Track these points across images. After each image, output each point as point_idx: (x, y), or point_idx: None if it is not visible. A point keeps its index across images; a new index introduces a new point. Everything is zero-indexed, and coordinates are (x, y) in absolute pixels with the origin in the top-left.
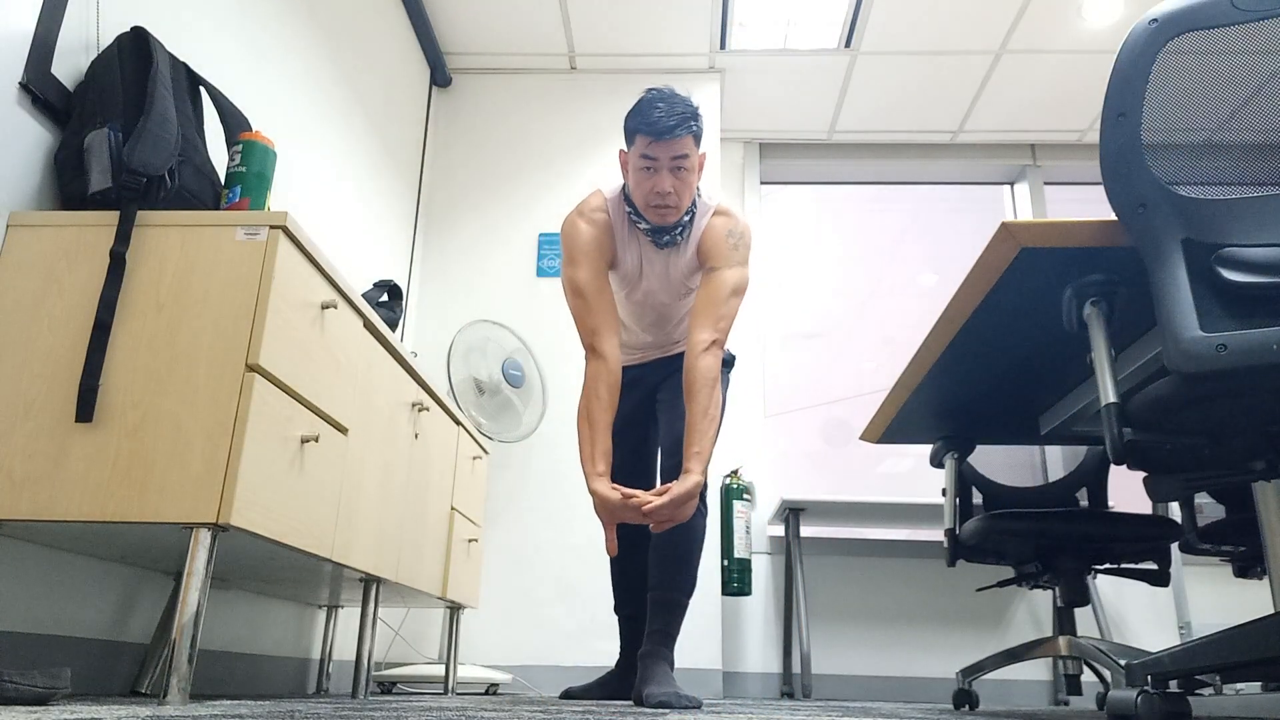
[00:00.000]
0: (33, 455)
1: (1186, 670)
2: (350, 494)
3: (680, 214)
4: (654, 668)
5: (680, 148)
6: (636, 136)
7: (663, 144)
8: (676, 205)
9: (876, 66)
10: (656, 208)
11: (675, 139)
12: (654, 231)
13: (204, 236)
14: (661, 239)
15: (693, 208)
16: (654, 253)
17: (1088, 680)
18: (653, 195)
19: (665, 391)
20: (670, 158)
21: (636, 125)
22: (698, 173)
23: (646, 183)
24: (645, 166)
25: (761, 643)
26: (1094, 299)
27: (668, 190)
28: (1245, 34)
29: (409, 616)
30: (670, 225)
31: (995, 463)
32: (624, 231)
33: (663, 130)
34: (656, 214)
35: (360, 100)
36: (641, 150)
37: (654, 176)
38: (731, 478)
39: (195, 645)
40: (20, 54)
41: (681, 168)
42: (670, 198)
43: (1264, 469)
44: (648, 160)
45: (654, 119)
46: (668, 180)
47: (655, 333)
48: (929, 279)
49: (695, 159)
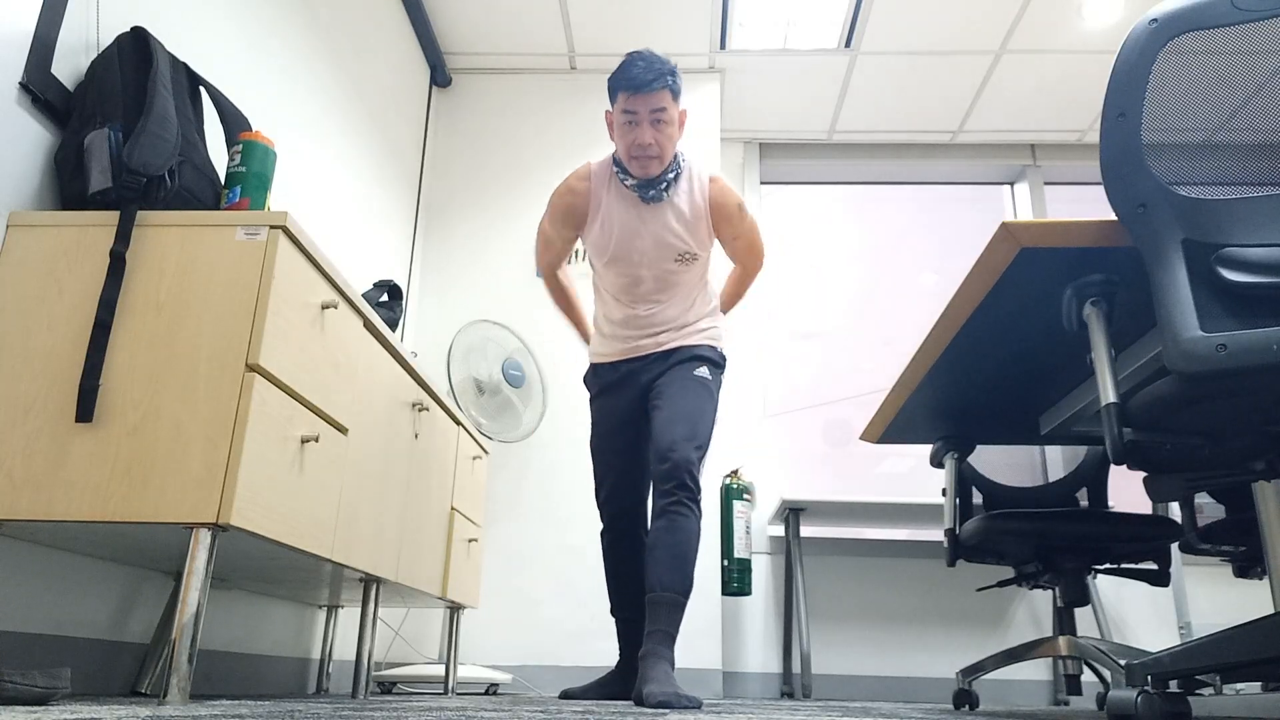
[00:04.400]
0: (33, 455)
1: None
2: (350, 494)
3: (663, 165)
4: (654, 668)
5: (658, 100)
6: (618, 93)
7: (641, 97)
8: (658, 155)
9: (876, 66)
10: (639, 159)
11: (653, 92)
12: (640, 186)
13: (204, 236)
14: (648, 193)
15: (677, 166)
16: (643, 209)
17: (1088, 680)
18: (634, 147)
19: (658, 394)
20: (649, 110)
21: (617, 82)
22: (678, 128)
23: (629, 135)
24: (627, 121)
25: (761, 643)
26: (1094, 299)
27: (648, 142)
28: (1245, 34)
29: (409, 616)
30: (654, 179)
31: (995, 463)
32: (609, 193)
33: (641, 84)
34: (639, 165)
35: (360, 100)
36: (623, 106)
37: (635, 129)
38: (731, 478)
39: (195, 645)
40: (20, 54)
41: (661, 120)
42: (651, 149)
43: (1264, 469)
44: (629, 115)
45: (633, 75)
46: (648, 132)
47: (653, 306)
48: (929, 279)
49: (674, 113)
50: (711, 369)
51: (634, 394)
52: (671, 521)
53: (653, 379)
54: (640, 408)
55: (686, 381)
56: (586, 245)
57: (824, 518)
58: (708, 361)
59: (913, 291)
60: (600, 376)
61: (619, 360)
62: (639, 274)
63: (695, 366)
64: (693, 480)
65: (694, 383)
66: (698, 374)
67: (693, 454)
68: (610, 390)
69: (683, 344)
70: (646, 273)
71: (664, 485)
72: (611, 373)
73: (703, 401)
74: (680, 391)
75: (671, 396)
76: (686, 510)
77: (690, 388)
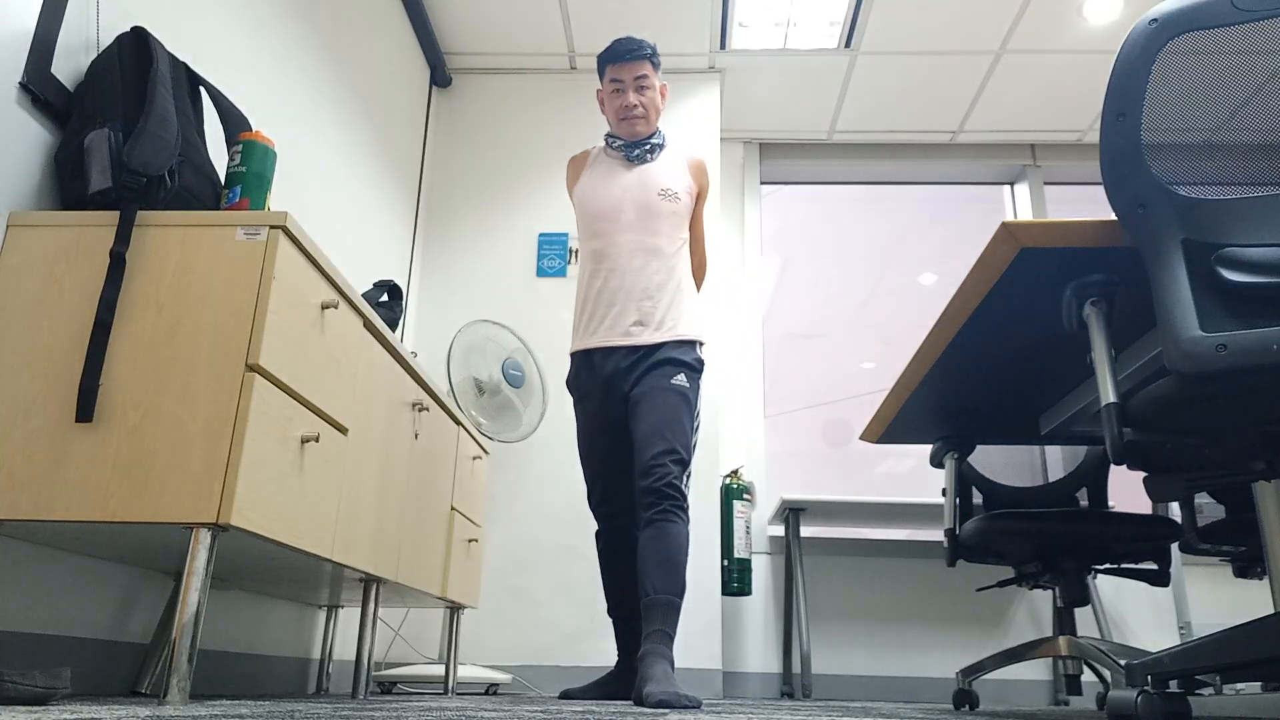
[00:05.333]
0: (33, 455)
1: (1186, 670)
2: (350, 494)
3: (649, 126)
4: (654, 667)
5: (640, 69)
6: (605, 66)
7: (625, 66)
8: (644, 116)
9: (876, 66)
10: (626, 120)
11: (635, 61)
12: (626, 147)
13: (204, 236)
14: (632, 153)
15: (662, 138)
16: (631, 165)
17: (1088, 680)
18: (622, 110)
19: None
20: (633, 78)
21: (603, 58)
22: (660, 97)
23: (617, 101)
24: (614, 90)
25: (761, 643)
26: (1094, 299)
27: (634, 103)
28: (1245, 34)
29: (409, 616)
30: (640, 140)
31: (995, 463)
32: (598, 159)
33: (623, 54)
34: (627, 125)
35: (360, 100)
36: (610, 76)
37: (622, 95)
38: (731, 478)
39: (195, 645)
40: (20, 54)
41: (644, 86)
42: (637, 109)
43: (1264, 469)
44: (615, 83)
45: (616, 49)
46: (633, 96)
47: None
48: (929, 279)
49: (655, 82)
50: (689, 373)
51: (612, 401)
52: (659, 529)
53: (630, 387)
54: (619, 414)
55: (665, 393)
56: (574, 208)
57: (824, 518)
58: (684, 366)
59: (913, 291)
60: (582, 377)
61: (592, 350)
62: (618, 238)
63: (672, 374)
64: (676, 491)
65: (672, 394)
66: (674, 382)
67: (673, 468)
68: (590, 397)
69: (658, 341)
70: (627, 235)
71: (647, 499)
72: (588, 374)
73: (680, 413)
74: (659, 404)
75: (648, 410)
76: (673, 517)
77: (668, 400)
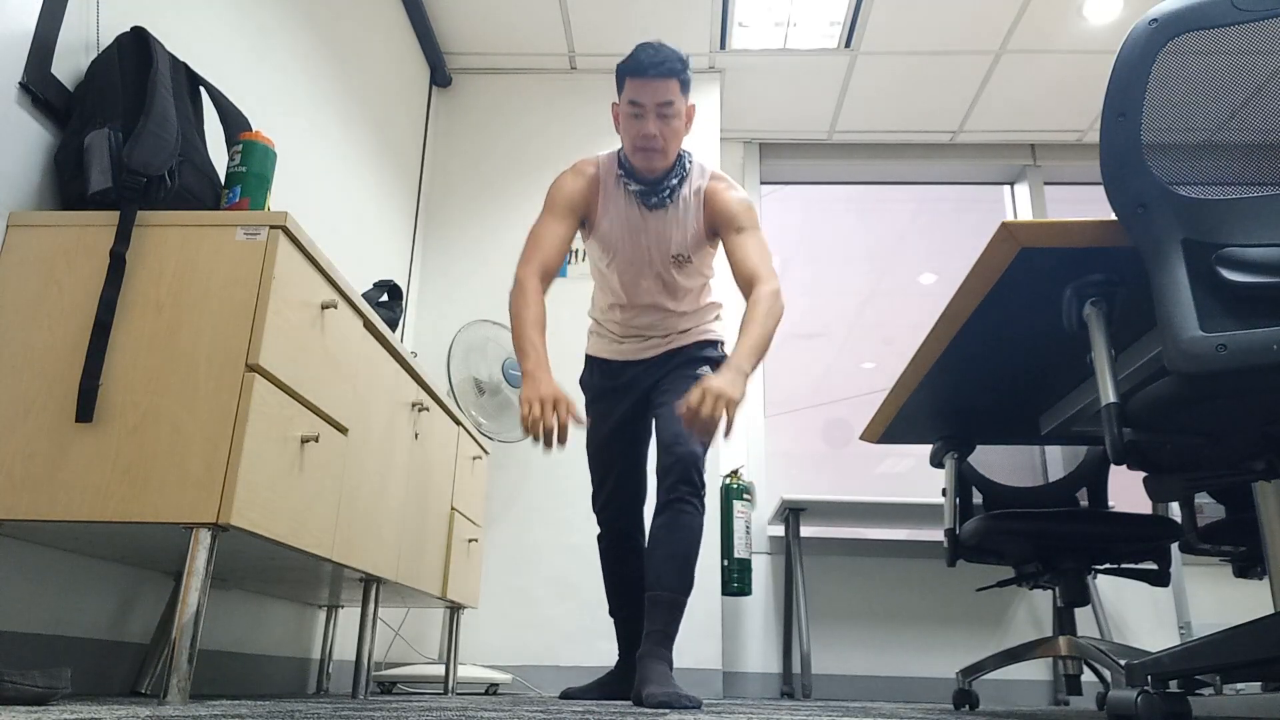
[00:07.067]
0: (33, 455)
1: (1186, 670)
2: (350, 494)
3: (667, 161)
4: (653, 668)
5: (665, 92)
6: (626, 80)
7: (648, 85)
8: (663, 149)
9: (876, 66)
10: (643, 150)
11: (659, 79)
12: (644, 193)
13: (204, 236)
14: (650, 200)
15: (683, 171)
16: (646, 214)
17: (1088, 680)
18: (640, 138)
19: (662, 393)
20: (656, 103)
21: (624, 68)
22: (686, 123)
23: (634, 127)
24: (633, 113)
25: (761, 643)
26: (1094, 299)
27: (653, 133)
28: (1245, 34)
29: (409, 616)
30: (659, 179)
31: (995, 463)
32: (612, 190)
33: (647, 67)
34: (644, 157)
35: (360, 100)
36: (630, 96)
37: (641, 121)
38: (731, 478)
39: (195, 645)
40: (20, 54)
41: (667, 115)
42: (656, 140)
43: (1264, 469)
44: (635, 107)
45: (640, 59)
46: (654, 124)
47: (654, 313)
48: (929, 279)
49: (682, 107)
50: (713, 368)
51: (634, 399)
52: (674, 518)
53: (654, 382)
54: (639, 413)
55: (689, 380)
56: (592, 242)
57: (824, 518)
58: (709, 362)
59: (913, 291)
60: (598, 379)
61: (619, 362)
62: (641, 281)
63: (697, 366)
64: (698, 475)
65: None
66: (700, 373)
67: (698, 448)
68: (608, 395)
69: (684, 344)
70: (648, 280)
71: (669, 479)
72: (610, 376)
73: None
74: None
75: (674, 397)
76: (690, 507)
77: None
